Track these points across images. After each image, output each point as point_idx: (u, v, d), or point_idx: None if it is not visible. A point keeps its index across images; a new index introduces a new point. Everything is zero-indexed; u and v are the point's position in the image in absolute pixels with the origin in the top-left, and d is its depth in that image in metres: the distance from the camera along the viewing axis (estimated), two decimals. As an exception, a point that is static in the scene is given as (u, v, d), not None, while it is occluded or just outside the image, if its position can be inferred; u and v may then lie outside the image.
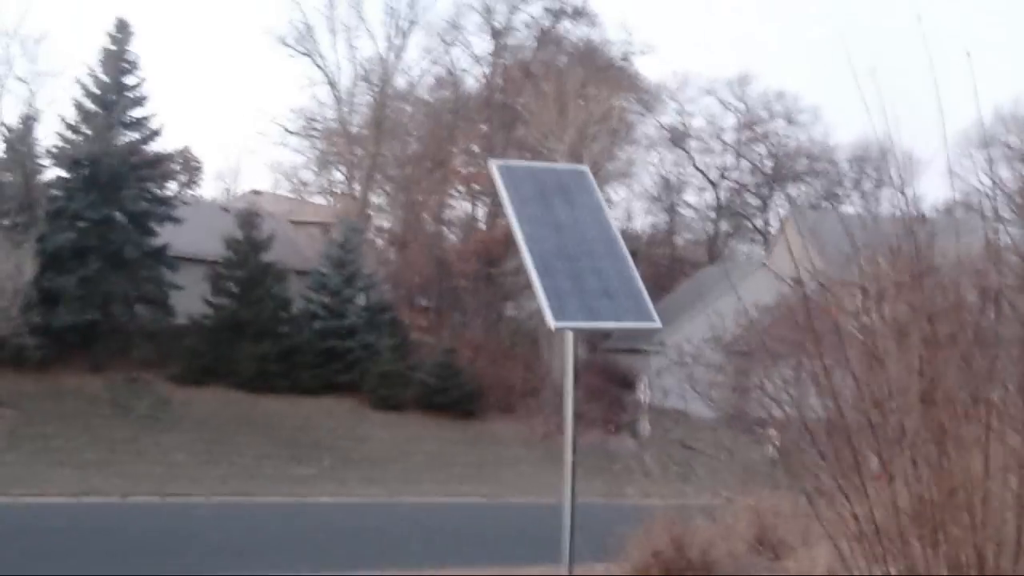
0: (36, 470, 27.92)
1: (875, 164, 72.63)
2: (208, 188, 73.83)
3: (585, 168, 8.94)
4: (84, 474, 28.20)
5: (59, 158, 39.62)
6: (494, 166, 8.52)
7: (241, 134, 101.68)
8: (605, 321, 7.59)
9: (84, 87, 39.86)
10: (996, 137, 54.80)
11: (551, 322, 7.31)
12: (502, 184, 8.28)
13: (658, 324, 7.62)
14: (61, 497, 25.35)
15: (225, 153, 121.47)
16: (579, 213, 8.28)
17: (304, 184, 64.47)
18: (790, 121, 72.55)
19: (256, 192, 60.20)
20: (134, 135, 40.99)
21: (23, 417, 33.00)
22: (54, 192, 38.56)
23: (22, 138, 38.20)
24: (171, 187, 55.15)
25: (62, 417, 33.52)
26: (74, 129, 39.87)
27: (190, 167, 71.40)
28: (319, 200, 63.19)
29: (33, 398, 34.33)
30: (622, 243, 8.20)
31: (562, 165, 10.36)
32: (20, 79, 39.70)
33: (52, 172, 40.55)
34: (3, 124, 39.04)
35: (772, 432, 13.07)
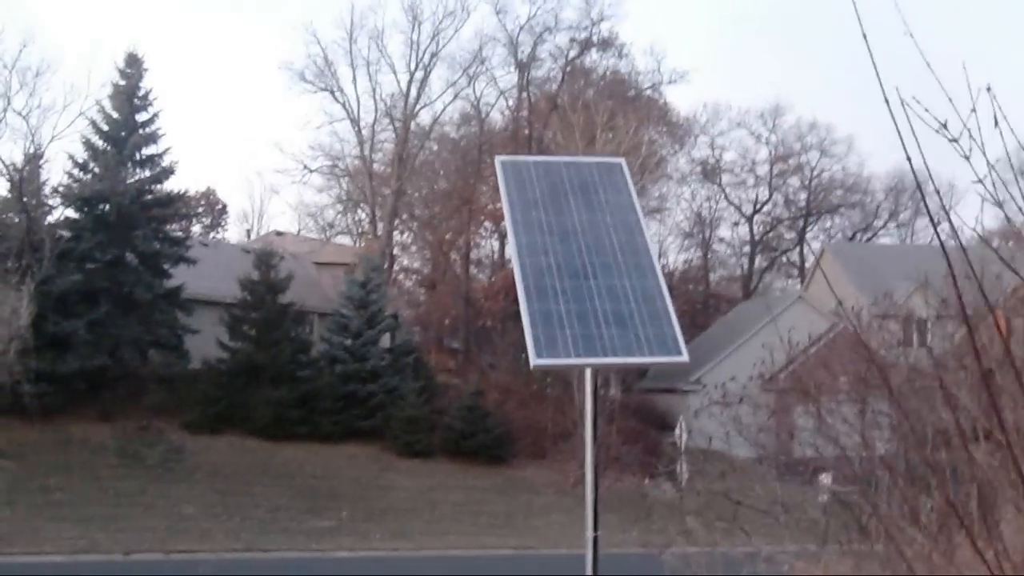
0: (35, 526, 26.42)
1: (911, 194, 71.75)
2: (233, 230, 72.84)
3: (620, 160, 7.02)
4: (86, 529, 26.66)
5: (67, 197, 38.29)
6: (498, 162, 6.75)
7: (264, 174, 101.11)
8: (611, 357, 5.51)
9: (93, 123, 38.57)
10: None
11: (532, 358, 5.38)
12: (503, 184, 6.51)
13: (684, 358, 5.50)
14: (58, 555, 23.93)
15: (250, 195, 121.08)
16: (600, 216, 6.39)
17: (330, 225, 63.58)
18: (823, 152, 71.44)
19: (279, 233, 59.08)
20: (146, 173, 39.58)
21: (24, 469, 31.38)
22: (61, 232, 37.11)
23: (27, 176, 36.77)
24: (194, 229, 54.28)
25: (66, 468, 31.94)
26: (82, 167, 38.50)
27: (214, 209, 70.62)
28: (345, 240, 62.19)
29: (36, 448, 32.75)
30: (652, 254, 6.20)
31: (591, 158, 8.56)
32: (20, 114, 38.05)
33: (59, 212, 39.45)
34: (3, 162, 37.56)
35: (825, 477, 11.39)
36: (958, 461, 6.90)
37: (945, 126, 3.52)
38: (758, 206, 72.63)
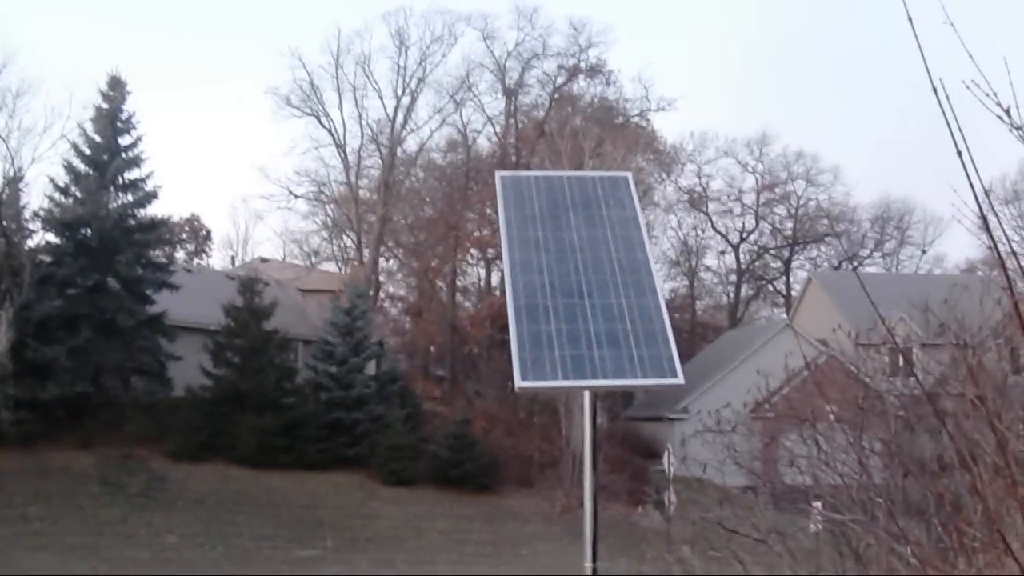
0: (11, 557, 26.01)
1: (896, 223, 72.06)
2: (217, 257, 72.40)
3: (626, 174, 6.75)
4: (65, 560, 26.27)
5: (47, 221, 37.93)
6: (498, 177, 6.47)
7: (249, 200, 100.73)
8: (601, 379, 5.16)
9: (75, 146, 38.21)
10: (1021, 192, 53.42)
11: (517, 381, 5.08)
12: (501, 200, 6.24)
13: (680, 381, 5.16)
14: (38, 586, 23.52)
15: (234, 221, 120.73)
16: (601, 232, 6.11)
17: (316, 252, 63.26)
18: (810, 182, 71.54)
19: (263, 259, 58.69)
20: (128, 198, 39.22)
21: (3, 498, 30.91)
22: (41, 257, 36.68)
23: (6, 200, 36.33)
24: (177, 255, 53.84)
25: (47, 497, 31.47)
26: (64, 191, 38.13)
27: (198, 235, 70.19)
28: (330, 267, 61.85)
29: (15, 477, 32.23)
30: (653, 272, 5.88)
31: (596, 172, 8.25)
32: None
33: (40, 236, 39.02)
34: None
35: (818, 505, 11.16)
36: (959, 488, 6.66)
37: (1008, 113, 3.25)
38: (744, 235, 72.71)
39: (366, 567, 29.17)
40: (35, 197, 58.73)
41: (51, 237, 38.14)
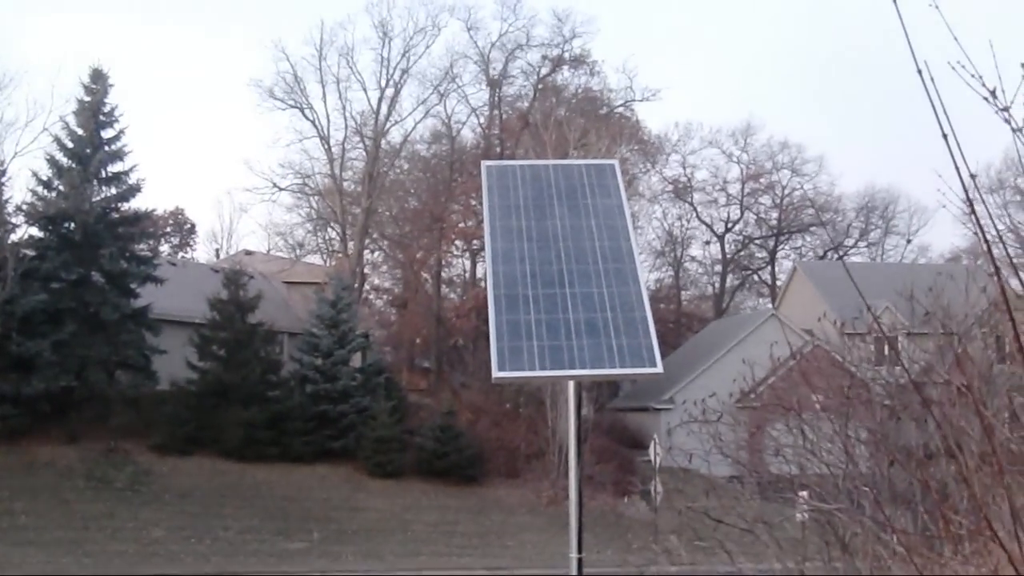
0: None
1: (881, 212, 72.35)
2: (202, 250, 72.20)
3: (612, 161, 6.76)
4: (51, 554, 26.27)
5: (31, 215, 37.67)
6: (484, 167, 6.47)
7: (233, 193, 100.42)
8: (579, 369, 5.12)
9: (57, 140, 37.95)
10: (1005, 181, 53.54)
11: (494, 371, 5.11)
12: (486, 189, 6.23)
13: (659, 370, 5.13)
14: (23, 581, 23.49)
15: (219, 214, 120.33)
16: (585, 221, 6.10)
17: (300, 245, 63.12)
18: (795, 171, 71.74)
19: (248, 252, 58.43)
20: (112, 191, 39.02)
21: (-12, 493, 30.85)
22: (25, 251, 36.46)
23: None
24: (162, 248, 53.62)
25: (32, 492, 31.40)
26: (46, 184, 37.91)
27: (182, 228, 69.99)
28: (315, 260, 61.72)
29: (0, 472, 32.10)
30: (636, 260, 5.85)
31: (582, 160, 8.25)
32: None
33: (23, 230, 38.62)
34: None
35: (804, 495, 11.18)
36: (945, 476, 6.68)
37: (993, 94, 3.24)
38: (729, 225, 72.92)
39: (353, 559, 29.25)
40: (18, 191, 58.50)
41: (34, 231, 37.98)
